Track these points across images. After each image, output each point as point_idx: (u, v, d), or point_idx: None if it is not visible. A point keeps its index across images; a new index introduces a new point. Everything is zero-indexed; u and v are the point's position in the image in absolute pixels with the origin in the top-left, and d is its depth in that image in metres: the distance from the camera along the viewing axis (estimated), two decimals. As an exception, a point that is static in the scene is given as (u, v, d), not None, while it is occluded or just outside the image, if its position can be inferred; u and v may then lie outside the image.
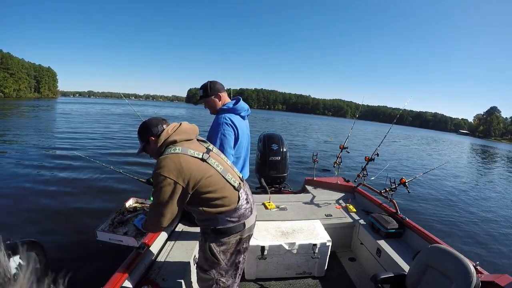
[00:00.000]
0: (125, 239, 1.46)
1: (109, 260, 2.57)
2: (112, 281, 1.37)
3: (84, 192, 5.26)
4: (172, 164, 1.19)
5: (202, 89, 1.93)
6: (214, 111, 1.95)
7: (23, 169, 6.54)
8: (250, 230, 1.42)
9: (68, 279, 0.40)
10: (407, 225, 2.35)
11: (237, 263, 1.42)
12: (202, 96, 1.94)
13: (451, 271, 1.40)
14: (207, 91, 1.91)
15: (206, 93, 1.91)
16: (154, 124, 1.32)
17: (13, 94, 71.55)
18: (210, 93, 1.90)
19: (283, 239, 2.22)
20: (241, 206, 1.34)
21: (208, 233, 1.35)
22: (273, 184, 3.54)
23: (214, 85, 1.91)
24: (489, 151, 34.28)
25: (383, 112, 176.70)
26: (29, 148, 9.02)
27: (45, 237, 3.49)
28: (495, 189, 9.87)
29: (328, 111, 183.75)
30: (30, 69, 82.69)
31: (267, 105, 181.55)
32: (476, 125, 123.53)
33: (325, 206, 2.94)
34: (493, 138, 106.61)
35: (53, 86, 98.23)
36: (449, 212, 6.19)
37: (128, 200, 1.84)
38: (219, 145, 1.77)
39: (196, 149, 1.28)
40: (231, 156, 1.81)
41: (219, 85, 1.93)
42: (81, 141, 10.90)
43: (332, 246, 2.28)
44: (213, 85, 1.91)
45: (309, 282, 2.28)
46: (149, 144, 1.32)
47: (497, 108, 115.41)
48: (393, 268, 2.01)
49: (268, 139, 3.51)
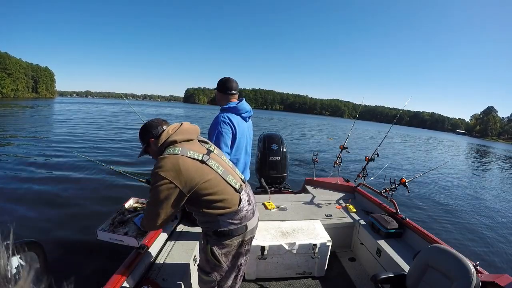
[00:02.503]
0: (126, 239, 1.45)
1: (109, 260, 2.57)
2: (112, 281, 1.36)
3: (84, 192, 5.24)
4: (170, 165, 1.17)
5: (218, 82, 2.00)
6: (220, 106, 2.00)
7: (23, 169, 6.51)
8: (252, 232, 1.40)
9: (68, 279, 0.39)
10: (407, 225, 2.35)
11: (239, 265, 1.40)
12: (216, 88, 2.00)
13: (451, 271, 1.40)
14: (219, 84, 1.97)
15: (217, 86, 1.98)
16: (154, 126, 1.31)
17: (11, 94, 71.31)
18: (218, 88, 1.98)
19: (283, 239, 2.21)
20: (243, 208, 1.32)
21: (209, 235, 1.33)
22: (273, 184, 3.54)
23: (226, 82, 1.96)
24: (487, 151, 34.46)
25: (381, 112, 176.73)
26: (28, 148, 8.97)
27: (45, 237, 3.47)
28: (495, 189, 9.90)
29: (326, 111, 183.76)
30: (27, 69, 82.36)
31: (264, 105, 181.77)
32: (473, 124, 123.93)
33: (325, 206, 2.94)
34: (490, 137, 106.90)
35: (51, 86, 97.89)
36: (449, 212, 6.21)
37: (128, 200, 1.84)
38: (214, 143, 1.76)
39: (197, 150, 1.26)
40: (227, 155, 1.79)
41: (230, 84, 1.96)
42: (80, 141, 10.85)
43: (332, 246, 2.28)
44: (226, 81, 1.96)
45: (309, 282, 2.27)
46: (150, 145, 1.31)
47: (493, 108, 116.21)
48: (393, 268, 2.01)
49: (268, 139, 3.51)
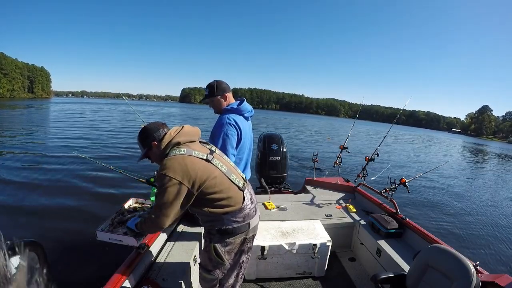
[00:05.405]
0: (125, 239, 1.45)
1: (109, 260, 2.55)
2: (112, 281, 1.36)
3: (84, 192, 5.21)
4: (177, 165, 1.18)
5: (208, 88, 1.89)
6: (219, 111, 1.92)
7: (22, 169, 6.48)
8: (254, 230, 1.42)
9: (68, 279, 0.39)
10: (407, 225, 2.35)
11: (241, 263, 1.42)
12: (207, 95, 1.90)
13: (451, 271, 1.40)
14: (213, 90, 1.87)
15: (212, 93, 1.87)
16: (155, 129, 1.30)
17: (7, 94, 70.83)
18: (216, 93, 1.87)
19: (283, 239, 2.21)
20: (246, 206, 1.34)
21: (213, 233, 1.34)
22: (273, 184, 3.54)
23: (220, 85, 1.88)
24: (484, 150, 34.72)
25: (376, 111, 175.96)
26: (28, 149, 8.92)
27: (45, 237, 3.44)
28: (495, 189, 9.95)
29: (322, 110, 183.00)
30: (23, 69, 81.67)
31: (260, 105, 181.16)
32: (468, 123, 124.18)
33: (325, 206, 2.94)
34: (485, 136, 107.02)
35: (47, 86, 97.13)
36: (449, 212, 6.23)
37: (128, 200, 1.83)
38: (221, 145, 1.75)
39: (200, 150, 1.28)
40: (232, 157, 1.79)
41: (225, 85, 1.90)
42: (79, 141, 10.80)
43: (332, 246, 2.28)
44: (219, 84, 1.88)
45: (309, 282, 2.27)
46: (151, 149, 1.30)
47: (488, 107, 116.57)
48: (393, 268, 2.01)
49: (268, 139, 3.51)
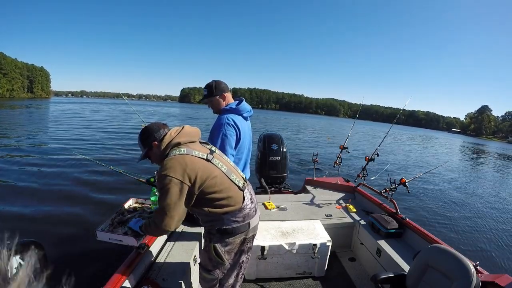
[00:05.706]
0: (125, 239, 1.45)
1: (109, 260, 2.55)
2: (112, 281, 1.36)
3: (84, 192, 5.20)
4: (178, 165, 1.18)
5: (206, 88, 1.89)
6: (217, 111, 1.92)
7: (22, 170, 6.47)
8: (254, 230, 1.42)
9: (68, 279, 0.39)
10: (407, 225, 2.35)
11: (240, 263, 1.42)
12: (206, 95, 1.90)
13: (451, 271, 1.40)
14: (212, 90, 1.87)
15: (211, 93, 1.87)
16: (156, 129, 1.30)
17: (7, 94, 70.73)
18: (215, 93, 1.87)
19: (283, 239, 2.21)
20: (246, 206, 1.34)
21: (213, 233, 1.34)
22: (273, 184, 3.54)
23: (219, 85, 1.88)
24: (484, 150, 34.65)
25: (376, 111, 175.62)
26: (27, 149, 8.90)
27: (45, 237, 3.43)
28: (494, 188, 9.94)
29: (321, 110, 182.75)
30: (23, 69, 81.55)
31: (260, 105, 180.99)
32: (467, 123, 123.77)
33: (325, 206, 2.94)
34: (485, 136, 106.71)
35: (46, 86, 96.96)
36: (449, 212, 6.23)
37: (128, 200, 1.83)
38: (219, 145, 1.75)
39: (200, 150, 1.28)
40: (231, 157, 1.79)
41: (223, 85, 1.90)
42: (79, 141, 10.79)
43: (332, 246, 2.28)
44: (218, 84, 1.88)
45: (309, 282, 2.27)
46: (151, 149, 1.30)
47: (488, 107, 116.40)
48: (393, 268, 2.01)
49: (268, 139, 3.51)
